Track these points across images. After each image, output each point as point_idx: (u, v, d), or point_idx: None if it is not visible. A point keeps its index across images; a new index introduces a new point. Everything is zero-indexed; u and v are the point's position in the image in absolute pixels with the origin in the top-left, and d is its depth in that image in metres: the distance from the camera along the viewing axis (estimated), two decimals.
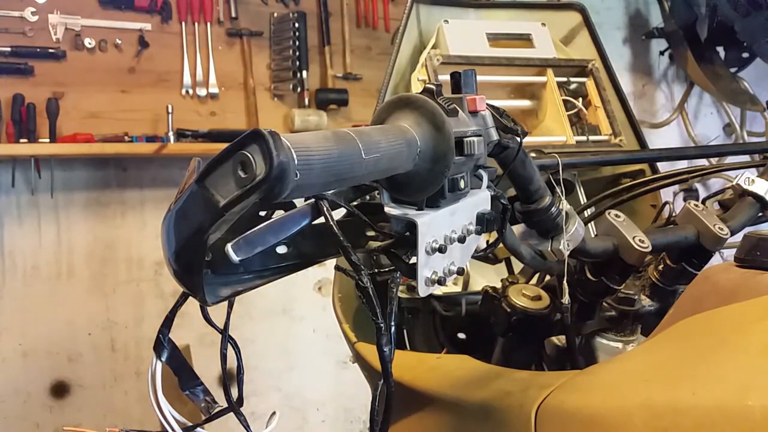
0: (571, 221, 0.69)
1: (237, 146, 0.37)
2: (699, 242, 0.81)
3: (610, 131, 1.43)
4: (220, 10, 2.58)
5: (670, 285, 0.86)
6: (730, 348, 0.54)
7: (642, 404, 0.52)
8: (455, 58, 1.41)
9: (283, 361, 2.70)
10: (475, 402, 0.74)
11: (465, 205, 0.51)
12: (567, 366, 0.85)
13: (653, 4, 3.26)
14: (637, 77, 3.42)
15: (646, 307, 0.86)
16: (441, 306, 1.09)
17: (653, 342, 0.66)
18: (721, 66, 3.02)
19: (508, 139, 0.57)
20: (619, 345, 0.86)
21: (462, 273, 0.54)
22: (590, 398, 0.59)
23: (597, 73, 1.49)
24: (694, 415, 0.48)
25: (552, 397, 0.62)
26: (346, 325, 1.19)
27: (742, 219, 0.84)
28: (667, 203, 1.00)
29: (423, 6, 1.53)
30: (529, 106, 1.50)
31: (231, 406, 0.50)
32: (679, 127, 3.36)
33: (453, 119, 0.48)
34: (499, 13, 1.63)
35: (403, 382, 0.84)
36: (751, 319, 0.57)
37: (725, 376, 0.50)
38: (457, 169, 0.49)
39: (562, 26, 1.62)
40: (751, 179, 0.86)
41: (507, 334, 0.86)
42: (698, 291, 0.71)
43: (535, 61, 1.48)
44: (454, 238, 0.49)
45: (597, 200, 1.06)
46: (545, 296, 0.86)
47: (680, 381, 0.52)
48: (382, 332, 0.52)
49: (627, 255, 0.76)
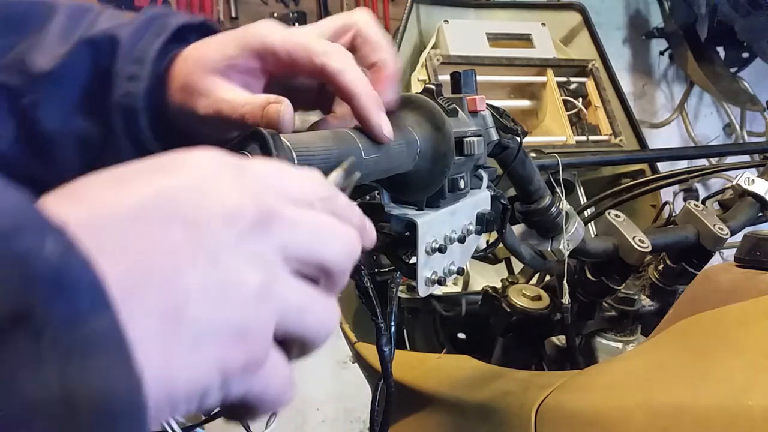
0: (571, 221, 0.69)
1: (237, 146, 0.37)
2: (699, 242, 0.81)
3: (610, 131, 1.43)
4: (220, 10, 2.58)
5: (670, 285, 0.86)
6: (730, 348, 0.54)
7: (642, 404, 0.52)
8: (455, 58, 1.41)
9: None
10: (475, 402, 0.74)
11: (465, 205, 0.51)
12: (567, 366, 0.85)
13: (653, 4, 3.26)
14: (637, 77, 3.42)
15: (646, 307, 0.86)
16: (441, 306, 1.09)
17: (653, 342, 0.66)
18: (721, 66, 3.02)
19: (508, 139, 0.57)
20: (619, 345, 0.86)
21: (462, 273, 0.54)
22: (590, 398, 0.59)
23: (597, 73, 1.49)
24: (694, 415, 0.48)
25: (552, 397, 0.62)
26: (346, 325, 1.19)
27: (742, 219, 0.85)
28: (667, 203, 1.00)
29: (423, 6, 1.53)
30: (529, 106, 1.50)
31: None
32: (679, 127, 3.36)
33: (453, 119, 0.48)
34: (499, 13, 1.63)
35: (403, 382, 0.84)
36: (751, 319, 0.57)
37: (725, 376, 0.50)
38: (457, 169, 0.49)
39: (562, 26, 1.63)
40: (751, 179, 0.86)
41: (507, 334, 0.87)
42: (698, 291, 0.71)
43: (535, 61, 1.48)
44: (454, 238, 0.49)
45: (597, 200, 1.06)
46: (545, 296, 0.86)
47: (680, 381, 0.53)
48: (382, 332, 0.52)
49: (627, 255, 0.76)
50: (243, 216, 0.27)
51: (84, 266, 0.22)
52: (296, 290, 0.29)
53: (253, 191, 0.28)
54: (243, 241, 0.27)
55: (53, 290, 0.21)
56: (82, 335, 0.21)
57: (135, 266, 0.24)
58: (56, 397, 0.20)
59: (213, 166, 0.28)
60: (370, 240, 0.36)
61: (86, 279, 0.22)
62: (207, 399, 0.26)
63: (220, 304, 0.25)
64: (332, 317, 0.31)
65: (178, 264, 0.25)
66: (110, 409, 0.21)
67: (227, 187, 0.27)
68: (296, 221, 0.29)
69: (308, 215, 0.30)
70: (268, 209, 0.28)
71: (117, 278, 0.23)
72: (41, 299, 0.21)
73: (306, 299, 0.29)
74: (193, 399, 0.25)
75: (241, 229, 0.27)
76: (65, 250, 0.22)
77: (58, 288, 0.21)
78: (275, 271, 0.28)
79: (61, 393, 0.20)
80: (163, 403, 0.24)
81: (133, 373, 0.22)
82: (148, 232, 0.25)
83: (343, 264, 0.31)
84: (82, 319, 0.21)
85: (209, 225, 0.26)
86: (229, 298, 0.26)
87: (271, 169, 0.31)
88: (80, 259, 0.22)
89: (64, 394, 0.20)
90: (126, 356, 0.22)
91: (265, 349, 0.27)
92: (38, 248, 0.21)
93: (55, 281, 0.21)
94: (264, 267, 0.27)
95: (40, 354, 0.20)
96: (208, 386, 0.26)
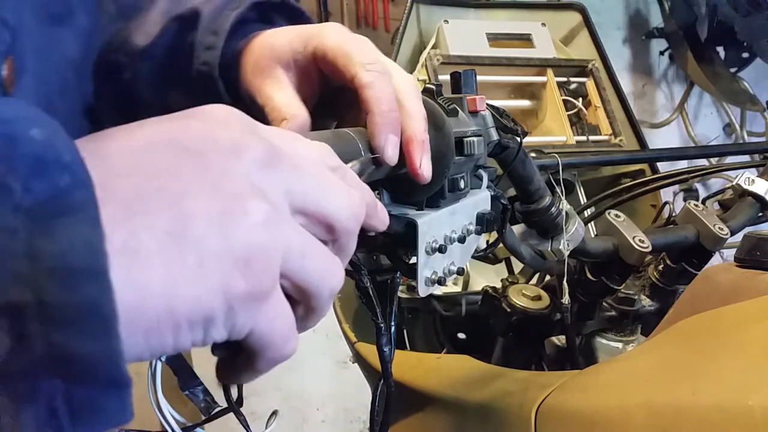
0: (571, 221, 0.69)
1: None
2: (699, 242, 0.81)
3: (610, 131, 1.43)
4: None
5: (670, 285, 0.86)
6: (730, 348, 0.54)
7: (642, 404, 0.52)
8: (455, 58, 1.41)
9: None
10: (475, 402, 0.74)
11: (465, 205, 0.51)
12: (567, 366, 0.85)
13: (653, 4, 3.26)
14: (637, 77, 3.42)
15: (646, 307, 0.86)
16: (441, 306, 1.09)
17: (653, 342, 0.66)
18: (721, 66, 3.02)
19: (508, 139, 0.57)
20: (619, 345, 0.86)
21: (462, 273, 0.54)
22: (590, 398, 0.59)
23: (597, 73, 1.49)
24: (694, 415, 0.48)
25: (552, 397, 0.62)
26: (346, 325, 1.19)
27: (742, 219, 0.85)
28: (667, 203, 1.00)
29: (423, 6, 1.53)
30: (529, 106, 1.50)
31: (231, 406, 0.50)
32: (679, 127, 3.36)
33: (453, 119, 0.48)
34: (499, 13, 1.63)
35: (403, 382, 0.84)
36: (751, 319, 0.57)
37: (725, 376, 0.50)
38: (457, 169, 0.49)
39: (562, 26, 1.63)
40: (751, 179, 0.86)
41: (507, 334, 0.87)
42: (698, 291, 0.71)
43: (535, 61, 1.48)
44: (454, 238, 0.49)
45: (597, 200, 1.06)
46: (545, 296, 0.86)
47: (680, 381, 0.53)
48: (382, 332, 0.52)
49: (627, 255, 0.76)
50: (249, 151, 0.28)
51: (67, 148, 0.24)
52: (301, 234, 0.29)
53: (261, 137, 0.29)
54: (249, 174, 0.28)
55: (36, 167, 0.23)
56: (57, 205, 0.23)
57: (142, 185, 0.25)
58: (21, 251, 0.22)
59: (225, 114, 0.29)
60: (382, 221, 0.36)
61: (67, 158, 0.23)
62: (212, 328, 0.26)
63: (225, 229, 0.26)
64: (337, 273, 0.31)
65: (184, 187, 0.26)
66: (70, 264, 0.22)
67: (237, 129, 0.29)
68: (303, 169, 0.30)
69: (315, 168, 0.31)
70: (275, 150, 0.29)
71: (123, 194, 0.25)
72: (21, 175, 0.22)
73: (310, 246, 0.29)
74: (196, 324, 0.26)
75: (247, 162, 0.28)
76: (51, 134, 0.24)
77: (40, 165, 0.23)
78: (279, 210, 0.28)
79: (27, 248, 0.22)
80: (165, 319, 0.25)
81: (98, 236, 0.23)
82: (156, 158, 0.26)
83: (348, 223, 0.31)
84: (59, 194, 0.23)
85: (216, 154, 0.27)
86: (234, 224, 0.26)
87: (283, 132, 0.32)
88: (64, 142, 0.24)
89: (29, 249, 0.22)
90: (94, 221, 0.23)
91: (271, 281, 0.27)
92: (25, 131, 0.23)
93: (37, 158, 0.23)
94: (268, 203, 0.27)
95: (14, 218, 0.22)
96: (211, 312, 0.26)
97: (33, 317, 0.22)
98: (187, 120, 0.29)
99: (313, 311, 0.31)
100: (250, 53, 0.49)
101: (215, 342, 0.27)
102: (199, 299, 0.25)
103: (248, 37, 0.50)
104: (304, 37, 0.46)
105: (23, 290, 0.22)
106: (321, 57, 0.45)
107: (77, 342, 0.22)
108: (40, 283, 0.22)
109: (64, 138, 0.24)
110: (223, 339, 0.27)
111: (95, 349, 0.22)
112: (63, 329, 0.22)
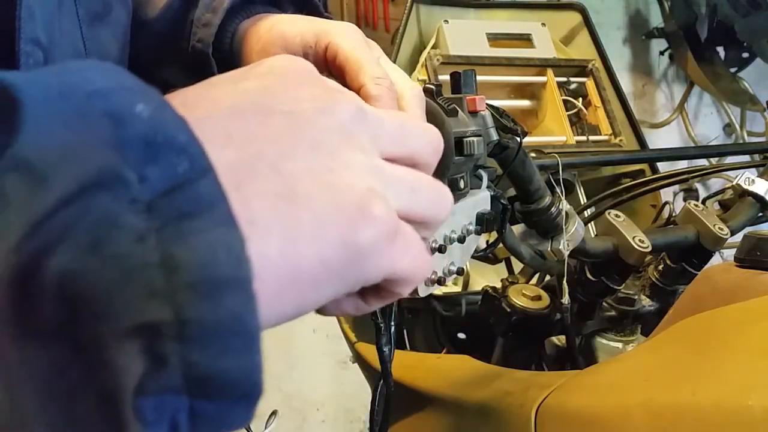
0: (571, 221, 0.69)
1: None
2: (699, 242, 0.81)
3: (610, 131, 1.43)
4: None
5: (670, 285, 0.86)
6: (730, 348, 0.54)
7: (642, 404, 0.52)
8: (455, 58, 1.41)
9: (283, 362, 2.70)
10: (475, 402, 0.74)
11: (465, 205, 0.51)
12: (567, 366, 0.85)
13: (653, 4, 3.26)
14: (637, 77, 3.42)
15: (646, 307, 0.86)
16: (441, 306, 1.09)
17: (653, 342, 0.66)
18: (721, 66, 3.02)
19: (508, 139, 0.57)
20: (619, 345, 0.86)
21: (462, 273, 0.54)
22: (590, 398, 0.59)
23: (597, 73, 1.49)
24: (694, 415, 0.48)
25: (552, 397, 0.62)
26: (346, 325, 1.19)
27: (742, 219, 0.84)
28: (667, 203, 1.00)
29: (423, 6, 1.53)
30: (529, 106, 1.50)
31: None
32: (679, 127, 3.36)
33: (453, 119, 0.48)
34: (499, 13, 1.63)
35: (403, 382, 0.84)
36: (751, 319, 0.57)
37: (725, 376, 0.51)
38: (456, 169, 0.49)
39: (562, 26, 1.63)
40: (751, 179, 0.86)
41: (507, 334, 0.86)
42: (698, 291, 0.71)
43: (535, 61, 1.48)
44: (454, 238, 0.49)
45: (597, 200, 1.06)
46: (545, 296, 0.86)
47: (680, 381, 0.53)
48: (382, 332, 0.52)
49: (627, 255, 0.76)
50: (338, 105, 0.28)
51: (180, 127, 0.21)
52: (402, 170, 0.29)
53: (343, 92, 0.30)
54: (342, 127, 0.28)
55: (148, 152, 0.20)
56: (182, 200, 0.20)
57: (241, 153, 0.24)
58: (154, 261, 0.19)
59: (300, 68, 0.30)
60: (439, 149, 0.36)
61: (182, 138, 0.21)
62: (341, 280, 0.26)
63: (331, 183, 0.26)
64: (446, 194, 0.32)
65: (283, 149, 0.25)
66: (212, 276, 0.20)
67: (318, 86, 0.29)
68: (381, 117, 0.30)
69: (389, 113, 0.32)
70: (359, 104, 0.29)
71: (226, 166, 0.23)
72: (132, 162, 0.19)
73: (413, 178, 0.30)
74: (322, 281, 0.25)
75: (338, 117, 0.28)
76: (157, 109, 0.21)
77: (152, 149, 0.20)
78: (375, 156, 0.29)
79: (160, 257, 0.19)
80: (287, 285, 0.24)
81: (238, 240, 0.21)
82: (247, 124, 0.26)
83: (429, 156, 0.32)
84: (180, 184, 0.20)
85: (305, 113, 0.27)
86: (339, 176, 0.26)
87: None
88: (173, 119, 0.21)
89: (162, 258, 0.19)
90: (230, 222, 0.21)
91: (393, 219, 0.27)
92: (130, 107, 0.20)
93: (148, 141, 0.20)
94: (365, 152, 0.28)
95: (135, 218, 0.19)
96: (338, 264, 0.25)
97: (171, 337, 0.19)
98: (266, 78, 0.28)
99: (432, 232, 0.32)
100: (256, 35, 0.49)
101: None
102: (323, 255, 0.24)
103: (252, 18, 0.50)
104: (317, 33, 0.46)
105: (161, 308, 0.19)
106: (331, 57, 0.45)
107: (216, 360, 0.20)
108: (179, 299, 0.19)
109: (173, 113, 0.21)
110: (358, 288, 0.27)
111: (235, 366, 0.20)
112: (203, 348, 0.19)
